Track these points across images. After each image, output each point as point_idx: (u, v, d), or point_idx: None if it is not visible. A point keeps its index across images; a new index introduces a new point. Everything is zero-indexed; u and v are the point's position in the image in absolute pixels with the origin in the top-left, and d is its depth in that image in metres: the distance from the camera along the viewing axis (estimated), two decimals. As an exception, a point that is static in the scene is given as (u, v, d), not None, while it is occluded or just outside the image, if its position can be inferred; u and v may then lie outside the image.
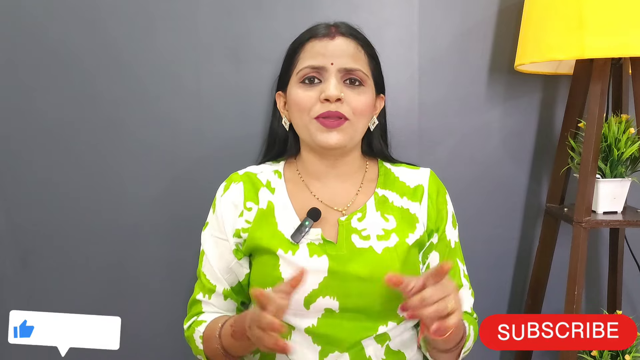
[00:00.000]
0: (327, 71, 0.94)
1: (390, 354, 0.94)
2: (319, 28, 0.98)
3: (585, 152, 1.16)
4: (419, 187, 1.01)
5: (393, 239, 0.95)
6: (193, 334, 1.00)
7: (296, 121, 0.97)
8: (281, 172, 1.03)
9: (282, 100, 1.02)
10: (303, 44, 0.97)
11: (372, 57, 0.99)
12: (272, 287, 0.91)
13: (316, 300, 0.90)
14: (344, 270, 0.91)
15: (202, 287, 1.01)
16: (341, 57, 0.94)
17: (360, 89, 0.95)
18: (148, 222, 1.30)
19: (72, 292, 1.30)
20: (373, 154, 1.06)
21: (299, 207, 0.98)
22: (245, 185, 1.00)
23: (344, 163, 1.00)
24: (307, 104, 0.93)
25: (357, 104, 0.94)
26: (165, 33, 1.25)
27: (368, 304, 0.91)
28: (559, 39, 1.09)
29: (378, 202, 0.99)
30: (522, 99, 1.34)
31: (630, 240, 1.33)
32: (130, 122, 1.27)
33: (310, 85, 0.95)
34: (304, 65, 0.95)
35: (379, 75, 1.02)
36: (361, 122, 0.96)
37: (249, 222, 0.97)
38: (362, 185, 1.02)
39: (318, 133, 0.93)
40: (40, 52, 1.24)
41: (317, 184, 1.01)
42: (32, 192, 1.28)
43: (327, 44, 0.95)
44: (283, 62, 1.01)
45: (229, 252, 0.98)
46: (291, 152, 1.05)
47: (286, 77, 0.99)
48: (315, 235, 0.94)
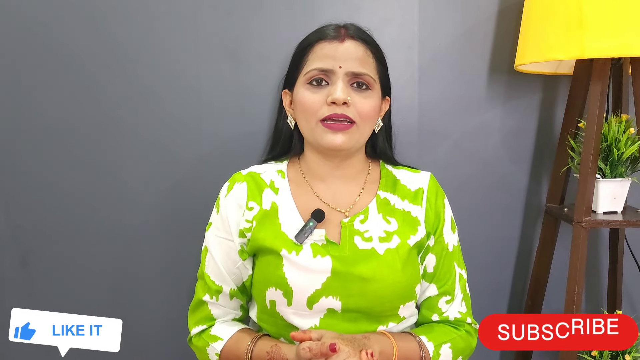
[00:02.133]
0: (334, 74, 0.93)
1: None
2: (328, 29, 0.97)
3: (585, 152, 1.16)
4: (419, 191, 1.02)
5: (395, 240, 0.95)
6: (206, 347, 0.98)
7: (302, 122, 0.97)
8: (285, 172, 1.03)
9: (289, 98, 1.02)
10: (312, 45, 0.97)
11: (380, 61, 0.99)
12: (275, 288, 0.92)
13: (319, 300, 0.91)
14: (347, 271, 0.91)
15: (208, 288, 1.00)
16: (349, 60, 0.94)
17: (367, 93, 0.95)
18: (149, 222, 1.30)
19: (72, 292, 1.30)
20: (376, 155, 1.06)
21: (302, 208, 0.98)
22: (249, 185, 1.00)
23: (347, 165, 1.00)
24: (314, 107, 0.93)
25: (363, 108, 0.94)
26: (166, 33, 1.25)
27: (369, 305, 0.92)
28: (559, 39, 1.09)
29: (380, 205, 0.99)
30: (522, 99, 1.34)
31: (630, 240, 1.33)
32: (130, 121, 1.27)
33: (318, 87, 0.94)
34: (312, 67, 0.95)
35: (386, 79, 1.02)
36: (367, 125, 0.96)
37: (249, 222, 0.97)
38: (365, 187, 1.02)
39: (323, 135, 0.93)
40: (40, 51, 1.24)
41: (320, 185, 1.01)
42: (32, 192, 1.28)
43: (336, 47, 0.94)
44: (291, 61, 1.01)
45: (234, 253, 0.98)
46: (295, 151, 1.05)
47: (294, 77, 0.99)
48: (318, 236, 0.94)
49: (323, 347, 0.81)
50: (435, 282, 1.01)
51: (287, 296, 0.91)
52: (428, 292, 1.01)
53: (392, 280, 0.92)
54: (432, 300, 1.01)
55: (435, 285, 1.01)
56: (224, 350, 0.96)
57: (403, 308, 0.95)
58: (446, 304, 1.00)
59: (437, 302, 1.01)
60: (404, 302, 0.94)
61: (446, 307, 1.00)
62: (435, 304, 1.01)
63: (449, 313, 1.01)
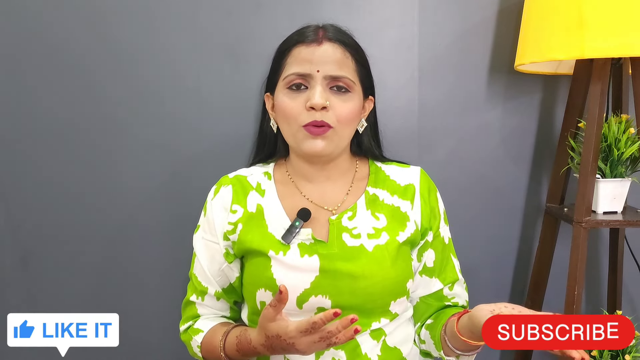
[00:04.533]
0: (312, 78, 0.93)
1: (387, 350, 0.95)
2: (307, 32, 0.96)
3: (585, 152, 1.16)
4: (410, 186, 1.01)
5: (384, 237, 0.95)
6: (190, 340, 1.01)
7: (284, 127, 0.97)
8: (271, 173, 1.03)
9: (271, 102, 1.01)
10: (290, 49, 0.96)
11: (359, 62, 0.98)
12: (265, 289, 0.92)
13: (308, 300, 0.91)
14: (335, 269, 0.91)
15: (194, 289, 1.03)
16: (327, 64, 0.93)
17: (346, 96, 0.95)
18: (149, 221, 1.30)
19: (72, 292, 1.30)
20: (363, 153, 1.06)
21: (289, 208, 0.98)
22: (234, 188, 1.00)
23: (332, 166, 1.01)
24: (293, 113, 0.93)
25: (342, 112, 0.93)
26: (166, 32, 1.25)
27: (360, 302, 0.92)
28: (559, 39, 1.09)
29: (368, 201, 1.00)
30: (522, 99, 1.34)
31: (630, 240, 1.33)
32: (130, 121, 1.27)
33: (297, 91, 0.94)
34: (290, 72, 0.94)
35: (368, 79, 1.01)
36: (346, 130, 0.96)
37: (232, 224, 0.97)
38: (353, 184, 1.02)
39: (304, 140, 0.93)
40: (40, 51, 1.24)
41: (307, 185, 1.01)
42: (32, 192, 1.28)
43: (313, 51, 0.93)
44: (271, 65, 1.01)
45: (220, 255, 0.99)
46: (280, 153, 1.05)
47: (274, 80, 0.99)
48: (305, 236, 0.94)
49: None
50: (437, 275, 1.02)
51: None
52: (433, 286, 1.02)
53: (382, 277, 0.92)
54: (439, 293, 1.02)
55: (438, 278, 1.02)
56: (204, 341, 0.99)
57: (394, 304, 0.95)
58: (453, 291, 1.03)
59: (443, 292, 1.02)
60: (394, 299, 0.94)
61: (453, 294, 1.03)
62: (443, 295, 1.03)
63: (457, 299, 1.04)
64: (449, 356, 0.95)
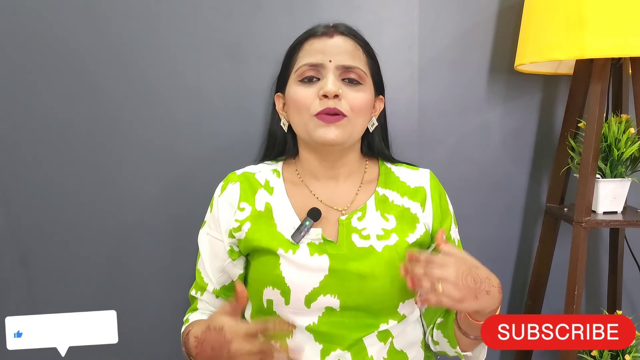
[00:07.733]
0: (325, 68, 0.94)
1: (394, 353, 0.94)
2: (317, 28, 0.98)
3: (585, 152, 1.16)
4: (420, 189, 1.01)
5: (393, 238, 0.95)
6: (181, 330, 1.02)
7: (295, 119, 0.97)
8: (280, 171, 1.03)
9: (281, 101, 1.02)
10: (301, 43, 0.98)
11: (370, 56, 0.99)
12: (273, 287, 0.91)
13: (317, 299, 0.91)
14: (344, 269, 0.91)
15: (196, 284, 1.04)
16: (339, 54, 0.94)
17: (358, 87, 0.95)
18: (149, 221, 1.30)
19: (72, 292, 1.30)
20: (373, 154, 1.06)
21: (298, 207, 0.98)
22: (242, 186, 1.00)
23: (342, 164, 1.00)
24: (306, 102, 0.93)
25: (354, 101, 0.94)
26: (166, 33, 1.25)
27: (369, 302, 0.92)
28: (559, 39, 1.09)
29: (378, 202, 0.99)
30: (522, 99, 1.34)
31: (630, 240, 1.33)
32: (130, 121, 1.27)
33: (309, 83, 0.94)
34: (303, 63, 0.95)
35: (378, 76, 1.02)
36: (359, 119, 0.96)
37: (238, 222, 0.97)
38: (362, 184, 1.02)
39: (317, 129, 0.93)
40: (40, 51, 1.24)
41: (316, 184, 1.01)
42: (32, 192, 1.28)
43: (325, 42, 0.95)
44: (282, 63, 1.01)
45: (223, 252, 0.99)
46: (290, 153, 1.05)
47: (285, 77, 0.99)
48: (315, 235, 0.94)
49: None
50: None
51: (285, 295, 0.91)
52: None
53: (391, 278, 0.92)
54: None
55: None
56: (183, 331, 1.00)
57: (402, 305, 0.95)
58: None
59: None
60: (403, 300, 0.94)
61: None
62: None
63: None
64: (465, 351, 0.95)
